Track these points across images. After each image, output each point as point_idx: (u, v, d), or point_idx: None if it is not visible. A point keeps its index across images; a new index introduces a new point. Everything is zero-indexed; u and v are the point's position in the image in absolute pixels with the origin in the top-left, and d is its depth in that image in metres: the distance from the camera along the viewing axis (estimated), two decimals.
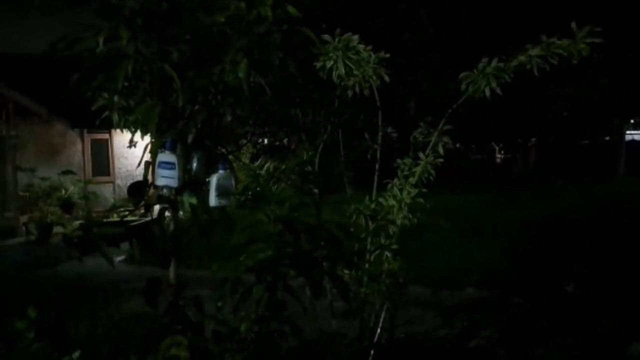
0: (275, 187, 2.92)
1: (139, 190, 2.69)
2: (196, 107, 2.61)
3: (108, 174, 17.00)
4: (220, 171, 2.57)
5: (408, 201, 2.89)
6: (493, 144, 23.29)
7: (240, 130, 5.76)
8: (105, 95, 2.77)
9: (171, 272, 2.68)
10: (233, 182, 2.59)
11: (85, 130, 16.54)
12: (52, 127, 15.96)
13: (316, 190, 3.06)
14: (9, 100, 13.35)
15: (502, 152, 24.56)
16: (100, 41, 2.24)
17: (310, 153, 2.89)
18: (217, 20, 2.30)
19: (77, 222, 10.93)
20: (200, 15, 2.61)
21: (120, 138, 17.18)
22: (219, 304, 2.37)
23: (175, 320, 2.57)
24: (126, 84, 2.59)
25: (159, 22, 2.33)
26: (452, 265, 7.74)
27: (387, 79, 3.20)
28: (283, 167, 2.90)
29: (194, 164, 2.70)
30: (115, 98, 2.77)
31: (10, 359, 1.56)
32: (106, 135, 17.01)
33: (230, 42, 2.53)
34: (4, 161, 14.91)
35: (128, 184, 18.10)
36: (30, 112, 14.12)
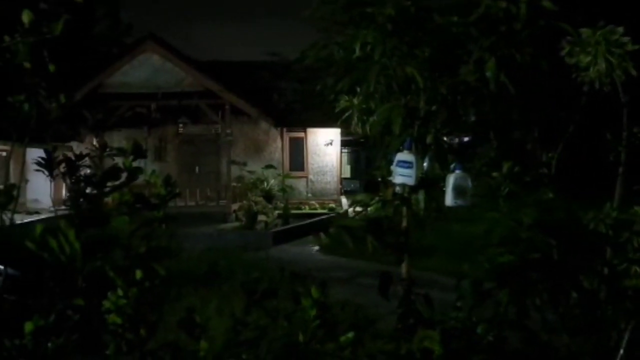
0: (504, 189, 2.84)
1: (375, 186, 2.83)
2: (433, 108, 2.65)
3: (303, 170, 18.39)
4: (457, 171, 2.58)
5: None
6: None
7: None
8: (346, 97, 2.99)
9: (403, 267, 2.77)
10: (469, 182, 2.58)
11: (284, 129, 18.12)
12: (258, 126, 17.82)
13: (551, 195, 2.88)
14: (226, 101, 15.25)
15: None
16: (357, 48, 2.41)
17: (549, 154, 2.75)
18: (468, 20, 2.31)
19: (276, 212, 11.96)
20: (435, 16, 2.65)
21: (314, 137, 18.46)
22: (458, 303, 2.38)
23: (407, 314, 2.65)
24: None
25: (407, 26, 2.43)
26: None
27: (634, 72, 2.87)
28: (516, 169, 2.79)
29: (425, 164, 2.76)
30: (355, 100, 2.98)
31: (291, 330, 1.80)
32: (302, 134, 18.41)
33: (470, 41, 2.52)
34: (220, 155, 17.13)
35: (319, 179, 19.35)
36: (241, 112, 15.94)
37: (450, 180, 2.56)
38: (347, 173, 26.21)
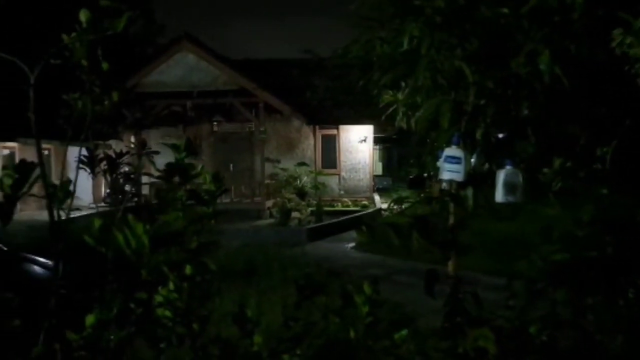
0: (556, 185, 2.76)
1: (420, 182, 2.79)
2: (482, 102, 2.59)
3: (335, 167, 18.37)
4: (508, 167, 2.51)
5: None
6: None
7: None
8: (390, 92, 2.95)
9: (449, 265, 2.72)
10: (520, 178, 2.51)
11: (317, 126, 18.13)
12: (291, 124, 17.88)
13: (605, 191, 2.78)
14: (260, 99, 15.35)
15: None
16: (405, 41, 2.37)
17: (604, 149, 2.65)
18: (520, 11, 2.24)
19: (309, 209, 11.94)
20: (483, 8, 2.58)
21: (346, 134, 18.41)
22: (510, 302, 2.33)
23: (454, 313, 2.60)
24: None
25: (455, 18, 2.37)
26: None
27: None
28: (568, 165, 2.70)
29: (472, 159, 2.69)
30: (400, 95, 2.94)
31: (342, 326, 1.78)
32: (334, 131, 18.38)
33: (521, 33, 2.45)
34: (254, 153, 17.27)
35: (351, 176, 19.30)
36: (274, 109, 16.02)
37: (501, 176, 2.50)
38: (378, 170, 26.07)
